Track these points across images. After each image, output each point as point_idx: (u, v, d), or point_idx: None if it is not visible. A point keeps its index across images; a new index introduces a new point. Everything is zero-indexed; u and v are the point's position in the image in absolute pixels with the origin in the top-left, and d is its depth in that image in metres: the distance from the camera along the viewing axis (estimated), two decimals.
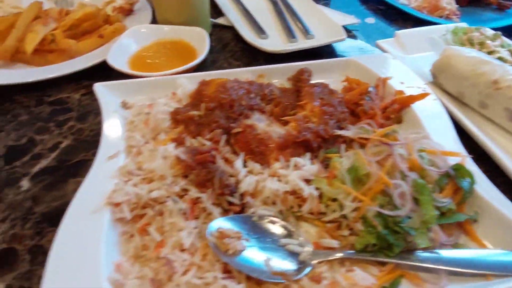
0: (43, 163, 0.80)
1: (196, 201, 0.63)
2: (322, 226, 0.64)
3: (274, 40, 1.17)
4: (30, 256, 0.64)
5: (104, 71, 0.98)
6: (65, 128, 0.89)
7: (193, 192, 0.62)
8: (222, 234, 0.58)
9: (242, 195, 0.64)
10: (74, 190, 0.73)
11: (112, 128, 0.77)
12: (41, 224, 0.69)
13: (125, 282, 0.54)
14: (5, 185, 0.76)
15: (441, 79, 0.93)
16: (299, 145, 0.70)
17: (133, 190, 0.63)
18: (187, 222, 0.60)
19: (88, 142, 0.85)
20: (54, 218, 0.69)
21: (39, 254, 0.64)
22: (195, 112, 0.74)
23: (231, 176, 0.65)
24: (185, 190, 0.63)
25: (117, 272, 0.55)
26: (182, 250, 0.57)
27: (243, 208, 0.65)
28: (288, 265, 0.58)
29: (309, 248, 0.60)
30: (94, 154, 0.80)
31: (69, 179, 0.77)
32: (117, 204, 0.62)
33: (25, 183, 0.76)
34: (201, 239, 0.59)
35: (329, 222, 0.64)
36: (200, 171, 0.64)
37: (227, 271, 0.57)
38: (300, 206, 0.65)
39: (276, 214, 0.63)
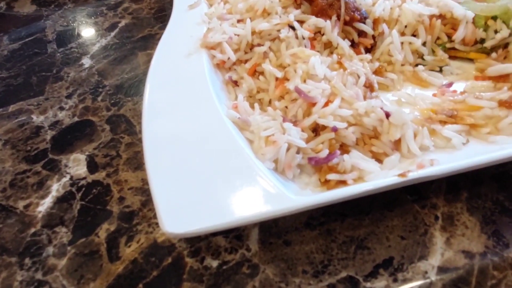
0: (103, 42, 0.67)
1: (315, 35, 0.48)
2: (480, 59, 0.49)
3: None
4: (110, 125, 0.52)
5: None
6: (120, 10, 0.75)
7: (313, 21, 0.48)
8: None
9: (375, 23, 0.49)
10: (147, 62, 0.61)
11: None
12: (115, 95, 0.56)
13: (249, 119, 0.41)
14: (63, 64, 0.63)
15: None
16: None
17: (232, 30, 0.49)
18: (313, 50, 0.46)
19: (150, 19, 0.71)
20: (129, 88, 0.57)
21: (121, 123, 0.52)
22: None
23: None
24: (301, 22, 0.49)
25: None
26: None
27: (375, 42, 0.50)
28: None
29: None
30: (160, 28, 0.68)
31: (138, 52, 0.64)
32: (215, 46, 0.49)
33: (86, 61, 0.63)
34: None
35: (492, 49, 0.49)
36: None
37: None
38: (449, 36, 0.50)
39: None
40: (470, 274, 0.35)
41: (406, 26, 0.49)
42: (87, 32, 0.70)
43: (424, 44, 0.49)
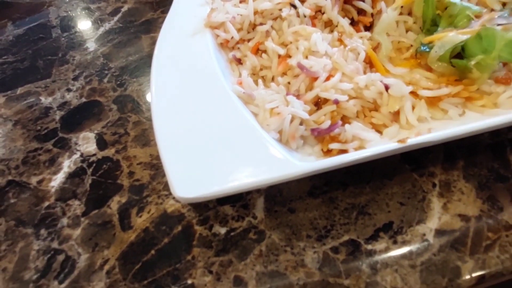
0: (106, 26, 0.68)
1: (316, 14, 0.50)
2: None
3: None
4: (117, 105, 0.53)
5: None
6: None
7: (313, 0, 0.49)
8: None
9: (374, 1, 0.51)
10: (151, 44, 0.63)
11: None
12: (121, 76, 0.58)
13: (254, 93, 0.42)
14: (69, 48, 0.64)
15: None
16: None
17: (235, 10, 0.51)
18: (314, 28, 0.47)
19: (152, 4, 0.72)
20: (135, 70, 0.58)
21: (128, 103, 0.53)
22: None
23: None
24: (302, 1, 0.50)
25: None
26: None
27: (373, 20, 0.51)
28: None
29: None
30: (163, 13, 0.69)
31: (141, 35, 0.65)
32: (219, 25, 0.50)
33: (90, 45, 0.65)
34: None
35: None
36: None
37: None
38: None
39: None
40: (466, 236, 0.36)
41: (402, 7, 0.50)
42: (91, 17, 0.71)
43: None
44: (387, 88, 0.41)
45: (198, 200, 0.34)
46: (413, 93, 0.42)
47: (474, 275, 0.34)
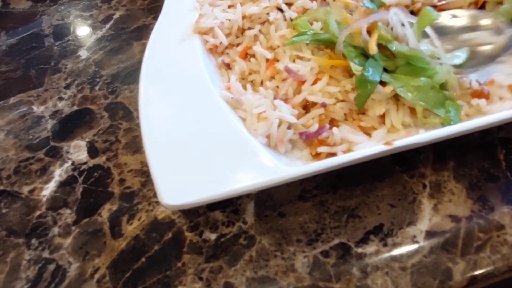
0: (98, 34, 0.68)
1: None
2: None
3: None
4: (108, 113, 0.53)
5: None
6: (114, 3, 0.76)
7: (300, 2, 0.49)
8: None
9: None
10: (142, 51, 0.61)
11: None
12: (112, 84, 0.58)
13: (242, 98, 0.42)
14: (61, 56, 0.65)
15: None
16: None
17: (224, 15, 0.51)
18: None
19: (144, 10, 0.72)
20: (126, 77, 0.59)
21: (119, 110, 0.53)
22: None
23: None
24: (289, 4, 0.50)
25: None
26: None
27: None
28: None
29: None
30: (154, 19, 0.69)
31: (133, 42, 0.65)
32: (207, 31, 0.50)
33: (83, 53, 0.65)
34: None
35: None
36: None
37: None
38: None
39: None
40: (456, 237, 0.36)
41: None
42: (83, 25, 0.71)
43: None
44: None
45: (185, 207, 0.34)
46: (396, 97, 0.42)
47: (465, 276, 0.34)
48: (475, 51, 0.44)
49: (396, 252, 0.36)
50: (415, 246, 0.36)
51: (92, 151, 0.49)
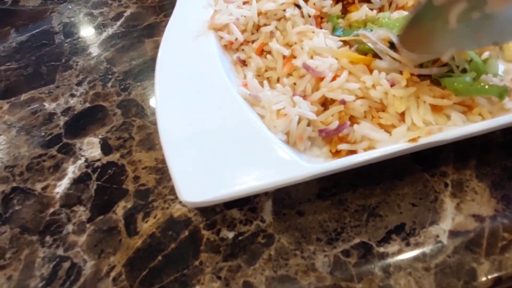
0: (109, 31, 0.68)
1: (321, 13, 0.49)
2: None
3: None
4: (121, 110, 0.53)
5: None
6: (124, 0, 0.76)
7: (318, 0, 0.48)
8: None
9: None
10: (154, 48, 0.62)
11: None
12: (125, 81, 0.57)
13: (260, 95, 0.41)
14: (72, 54, 0.64)
15: None
16: None
17: (239, 12, 0.50)
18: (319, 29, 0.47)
19: (155, 7, 0.72)
20: (138, 74, 0.58)
21: (132, 107, 0.53)
22: None
23: None
24: (306, 0, 0.49)
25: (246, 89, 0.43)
26: None
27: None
28: None
29: None
30: (166, 16, 0.69)
31: (144, 39, 0.64)
32: (222, 27, 0.49)
33: (94, 50, 0.64)
34: None
35: None
36: None
37: None
38: None
39: None
40: (481, 237, 0.35)
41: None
42: (93, 22, 0.71)
43: None
44: (392, 84, 0.40)
45: (205, 204, 0.33)
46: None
47: (490, 277, 0.33)
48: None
49: (419, 252, 0.35)
50: (439, 246, 0.35)
51: (106, 148, 0.48)
